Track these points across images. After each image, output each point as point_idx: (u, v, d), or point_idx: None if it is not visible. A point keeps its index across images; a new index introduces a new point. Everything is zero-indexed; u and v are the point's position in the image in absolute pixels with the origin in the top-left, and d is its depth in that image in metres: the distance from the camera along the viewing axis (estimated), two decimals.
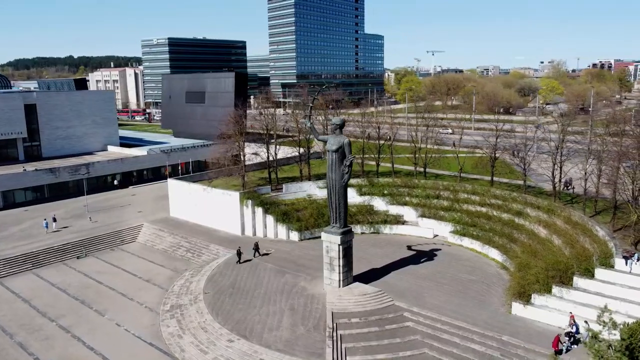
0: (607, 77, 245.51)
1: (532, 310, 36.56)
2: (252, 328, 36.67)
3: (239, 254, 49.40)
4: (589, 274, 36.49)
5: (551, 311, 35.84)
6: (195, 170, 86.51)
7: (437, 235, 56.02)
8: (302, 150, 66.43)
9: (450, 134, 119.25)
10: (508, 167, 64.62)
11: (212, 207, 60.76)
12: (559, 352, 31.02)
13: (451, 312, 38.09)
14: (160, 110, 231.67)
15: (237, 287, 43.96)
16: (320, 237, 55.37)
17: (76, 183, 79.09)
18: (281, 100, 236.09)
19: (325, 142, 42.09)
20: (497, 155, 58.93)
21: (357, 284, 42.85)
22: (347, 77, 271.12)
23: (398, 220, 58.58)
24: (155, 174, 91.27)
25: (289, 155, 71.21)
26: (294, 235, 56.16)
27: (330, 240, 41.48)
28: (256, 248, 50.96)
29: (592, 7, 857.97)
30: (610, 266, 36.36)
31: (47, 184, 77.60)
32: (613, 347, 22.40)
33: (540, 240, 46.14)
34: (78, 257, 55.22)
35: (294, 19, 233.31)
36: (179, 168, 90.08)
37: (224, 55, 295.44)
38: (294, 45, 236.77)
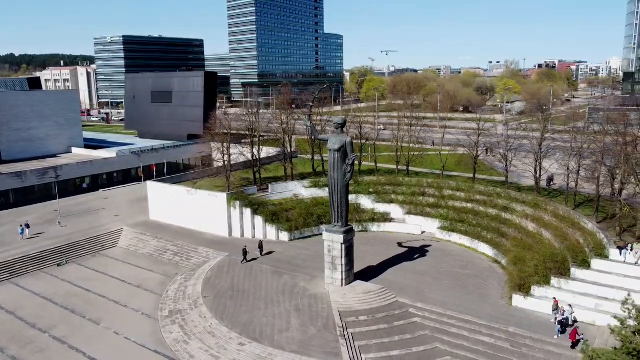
0: (556, 76, 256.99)
1: (533, 302, 37.83)
2: (262, 330, 36.16)
3: (245, 253, 49.09)
4: (586, 264, 38.17)
5: (551, 302, 37.13)
6: (168, 172, 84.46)
7: (424, 232, 57.04)
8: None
9: (383, 130, 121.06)
10: (490, 164, 66.61)
11: (197, 209, 59.40)
12: (576, 343, 32.15)
13: (455, 307, 38.90)
14: (119, 111, 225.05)
15: (237, 290, 43.21)
16: (310, 237, 56.61)
17: (43, 187, 75.45)
18: (243, 99, 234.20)
19: (325, 141, 42.05)
20: (479, 152, 60.61)
21: (358, 282, 43.05)
22: (308, 77, 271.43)
23: (385, 218, 59.21)
24: (125, 177, 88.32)
25: (270, 155, 70.65)
26: (284, 236, 55.74)
27: (333, 240, 41.48)
28: (260, 247, 50.74)
29: (536, 9, 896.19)
30: (605, 257, 38.18)
31: (12, 188, 73.61)
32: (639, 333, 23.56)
33: (529, 234, 47.83)
34: (59, 265, 52.72)
35: (254, 17, 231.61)
36: (150, 170, 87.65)
37: (181, 53, 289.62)
38: (255, 44, 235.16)
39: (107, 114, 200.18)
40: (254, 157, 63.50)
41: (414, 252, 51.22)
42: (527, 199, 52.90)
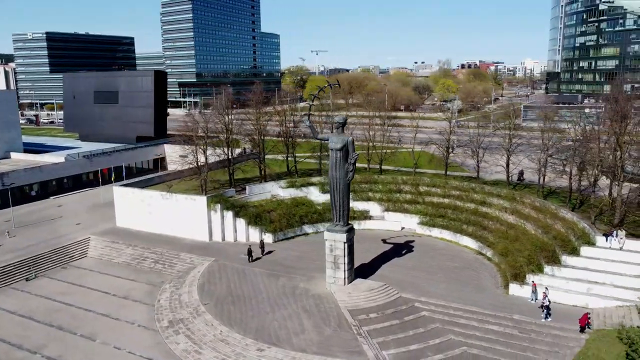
0: (485, 76, 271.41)
1: (529, 290, 39.85)
2: (277, 334, 35.52)
3: (249, 252, 48.68)
4: (575, 252, 40.84)
5: (549, 289, 39.20)
6: (119, 176, 79.93)
7: (404, 228, 58.27)
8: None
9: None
10: (461, 162, 69.13)
11: (174, 214, 57.04)
12: (583, 329, 34.30)
13: (457, 299, 40.23)
14: (48, 112, 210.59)
15: (236, 295, 42.08)
16: (293, 237, 56.34)
17: None
18: (180, 100, 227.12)
19: (325, 140, 41.94)
20: (451, 150, 62.97)
21: (359, 279, 43.37)
22: (246, 76, 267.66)
23: (365, 215, 59.90)
24: (76, 182, 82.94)
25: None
26: (268, 238, 54.84)
27: (335, 239, 41.50)
28: (262, 246, 50.42)
29: (456, 11, 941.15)
30: (593, 244, 41.05)
31: None
32: None
33: (510, 226, 50.34)
34: (27, 279, 48.71)
35: (191, 15, 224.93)
36: (102, 174, 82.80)
37: (109, 52, 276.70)
38: (193, 42, 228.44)
39: (36, 115, 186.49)
40: (230, 158, 61.87)
41: (400, 248, 52.27)
42: (502, 193, 55.62)
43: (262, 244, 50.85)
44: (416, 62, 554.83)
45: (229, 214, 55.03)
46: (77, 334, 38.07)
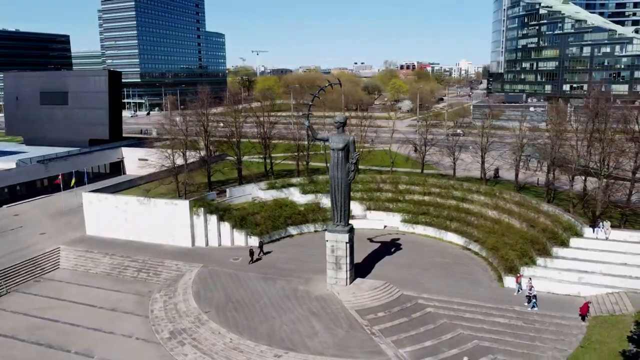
0: (429, 77, 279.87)
1: (524, 282, 41.36)
2: (290, 338, 34.80)
3: (251, 253, 48.15)
4: (565, 243, 42.82)
5: (540, 279, 41.08)
6: (78, 181, 75.35)
7: (386, 226, 58.86)
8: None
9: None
10: (437, 162, 70.53)
11: (152, 220, 54.57)
12: (584, 317, 35.99)
13: (456, 294, 41.12)
14: None
15: (237, 301, 40.84)
16: (279, 239, 55.52)
17: None
18: (124, 101, 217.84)
19: (324, 140, 41.62)
20: (427, 149, 64.33)
21: (359, 279, 43.37)
22: (191, 76, 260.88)
23: None
24: (30, 189, 77.56)
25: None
26: (254, 241, 53.64)
27: (337, 239, 41.25)
28: (261, 247, 49.95)
29: (392, 14, 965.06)
30: (580, 235, 43.18)
31: None
32: None
33: (493, 221, 52.07)
34: None
35: (134, 13, 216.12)
36: (57, 180, 77.81)
37: (42, 50, 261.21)
38: (136, 41, 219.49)
39: None
40: (208, 161, 59.87)
41: (388, 246, 52.76)
42: (482, 189, 57.45)
43: (260, 245, 50.28)
44: (356, 63, 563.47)
45: (212, 218, 53.35)
46: (72, 352, 35.54)
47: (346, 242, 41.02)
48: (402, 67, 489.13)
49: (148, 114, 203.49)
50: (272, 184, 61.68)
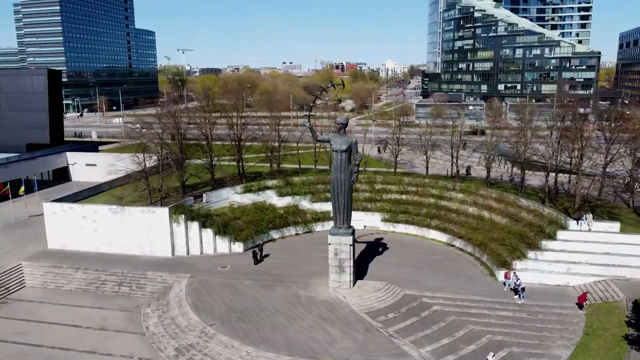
0: (366, 77, 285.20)
1: (511, 276, 42.91)
2: (310, 347, 33.84)
3: (255, 255, 47.72)
4: (553, 236, 44.98)
5: (532, 272, 42.93)
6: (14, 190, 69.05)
7: (366, 226, 59.02)
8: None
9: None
10: (408, 161, 71.73)
11: (127, 229, 51.12)
12: (581, 306, 37.92)
13: (457, 290, 41.96)
14: None
15: (239, 311, 39.17)
16: (262, 244, 53.65)
17: None
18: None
19: (325, 142, 40.91)
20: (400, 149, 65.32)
21: (360, 281, 43.11)
22: (122, 75, 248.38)
23: (327, 216, 59.40)
24: None
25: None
26: (238, 247, 51.90)
27: (341, 242, 40.73)
28: (260, 249, 48.93)
29: (316, 14, 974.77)
30: (566, 228, 45.52)
31: None
32: None
33: (474, 217, 53.74)
34: None
35: (59, 8, 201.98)
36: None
37: None
38: (62, 38, 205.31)
39: None
40: (182, 165, 56.93)
41: (374, 246, 52.91)
42: (457, 187, 59.09)
43: (260, 248, 49.37)
44: (284, 63, 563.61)
45: (194, 225, 50.88)
46: None
47: (350, 245, 40.63)
48: (331, 66, 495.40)
49: (81, 115, 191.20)
50: (249, 187, 59.95)
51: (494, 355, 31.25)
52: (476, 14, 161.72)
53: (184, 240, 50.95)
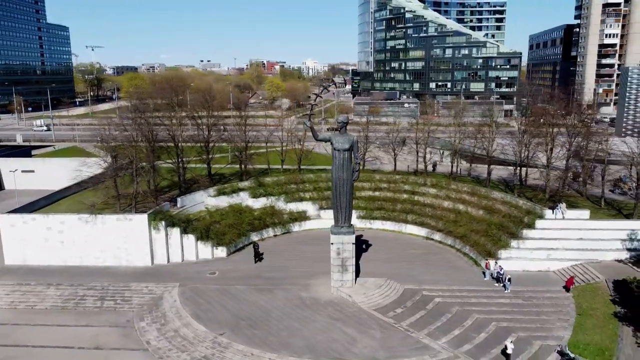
0: (294, 75, 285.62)
1: (502, 263, 45.30)
2: (333, 348, 33.57)
3: (257, 254, 47.82)
4: (532, 226, 47.86)
5: (516, 260, 45.54)
6: None
7: None
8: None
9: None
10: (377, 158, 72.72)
11: (99, 240, 47.61)
12: (568, 289, 40.79)
13: (451, 281, 43.60)
14: None
15: (246, 317, 37.96)
16: (245, 247, 52.82)
17: None
18: None
19: (326, 141, 40.66)
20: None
21: (359, 279, 43.35)
22: (32, 74, 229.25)
23: (303, 216, 59.13)
24: None
25: None
26: (221, 252, 50.21)
27: (343, 241, 40.78)
28: (257, 247, 48.72)
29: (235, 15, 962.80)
30: (542, 217, 48.58)
31: None
32: None
33: (449, 210, 55.85)
34: None
35: None
36: None
37: None
38: None
39: None
40: (154, 168, 53.71)
41: (357, 243, 52.37)
42: (428, 182, 61.04)
43: (257, 246, 49.08)
44: (202, 61, 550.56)
45: (175, 231, 48.47)
46: None
47: (352, 243, 40.78)
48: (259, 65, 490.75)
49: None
50: (222, 189, 58.03)
51: (512, 342, 32.75)
52: (407, 15, 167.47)
53: (164, 247, 48.39)
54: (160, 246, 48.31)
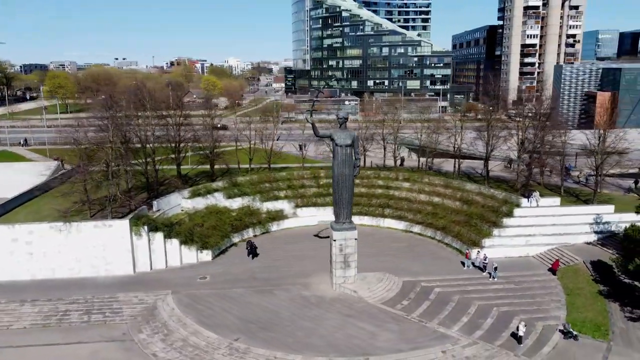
0: (225, 73, 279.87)
1: (487, 251, 47.36)
2: (355, 345, 33.39)
3: (253, 250, 47.62)
4: (510, 214, 50.40)
5: (499, 247, 47.88)
6: None
7: (320, 221, 59.05)
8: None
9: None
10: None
11: (74, 249, 43.97)
12: (554, 272, 43.46)
13: (443, 272, 44.96)
14: None
15: (255, 321, 36.77)
16: (229, 248, 51.40)
17: None
18: None
19: (326, 137, 40.29)
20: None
21: (359, 275, 43.28)
22: None
23: (280, 215, 58.27)
24: None
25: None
26: (206, 255, 48.29)
27: (346, 237, 40.74)
28: (253, 247, 48.23)
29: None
30: (519, 206, 51.28)
31: None
32: None
33: (425, 203, 57.46)
34: None
35: None
36: None
37: None
38: None
39: None
40: (127, 171, 50.34)
41: None
42: (401, 176, 62.40)
43: (252, 243, 48.81)
44: (117, 59, 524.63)
45: (158, 236, 45.89)
46: None
47: (355, 239, 40.81)
48: (172, 63, 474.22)
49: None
50: (196, 191, 55.70)
51: (524, 325, 34.33)
52: (344, 14, 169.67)
53: (147, 253, 45.68)
54: (143, 253, 45.53)
